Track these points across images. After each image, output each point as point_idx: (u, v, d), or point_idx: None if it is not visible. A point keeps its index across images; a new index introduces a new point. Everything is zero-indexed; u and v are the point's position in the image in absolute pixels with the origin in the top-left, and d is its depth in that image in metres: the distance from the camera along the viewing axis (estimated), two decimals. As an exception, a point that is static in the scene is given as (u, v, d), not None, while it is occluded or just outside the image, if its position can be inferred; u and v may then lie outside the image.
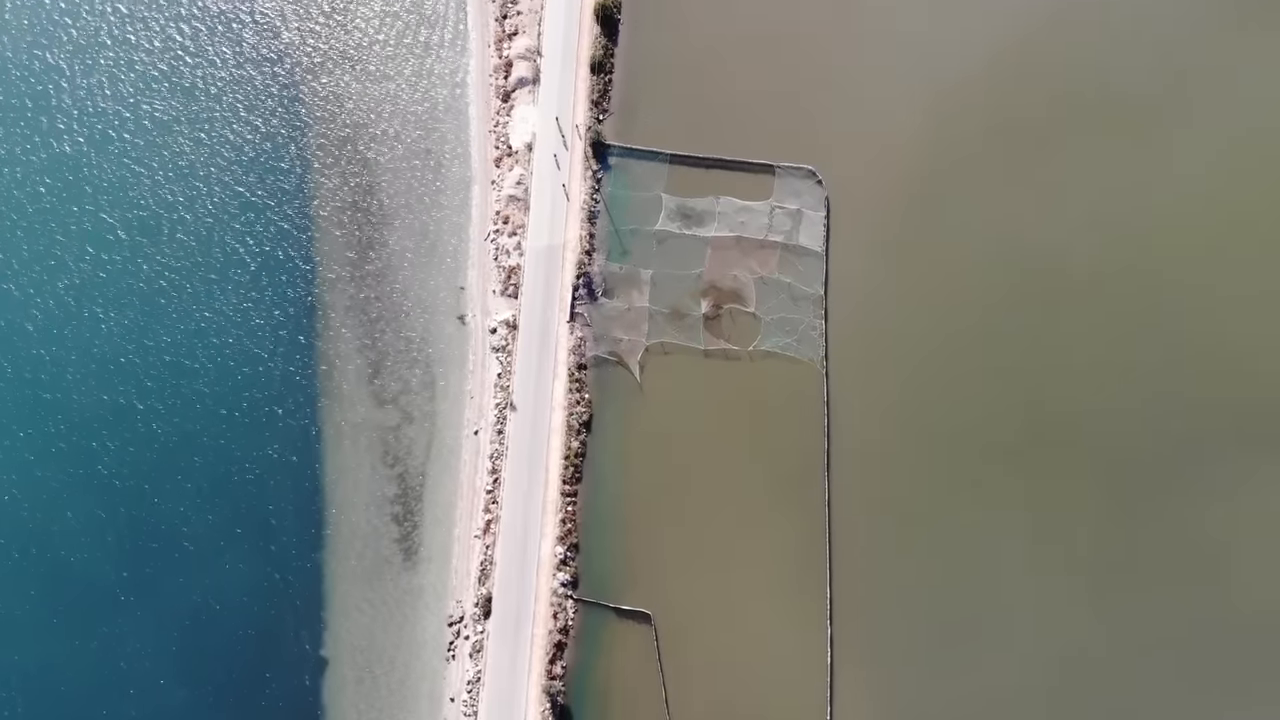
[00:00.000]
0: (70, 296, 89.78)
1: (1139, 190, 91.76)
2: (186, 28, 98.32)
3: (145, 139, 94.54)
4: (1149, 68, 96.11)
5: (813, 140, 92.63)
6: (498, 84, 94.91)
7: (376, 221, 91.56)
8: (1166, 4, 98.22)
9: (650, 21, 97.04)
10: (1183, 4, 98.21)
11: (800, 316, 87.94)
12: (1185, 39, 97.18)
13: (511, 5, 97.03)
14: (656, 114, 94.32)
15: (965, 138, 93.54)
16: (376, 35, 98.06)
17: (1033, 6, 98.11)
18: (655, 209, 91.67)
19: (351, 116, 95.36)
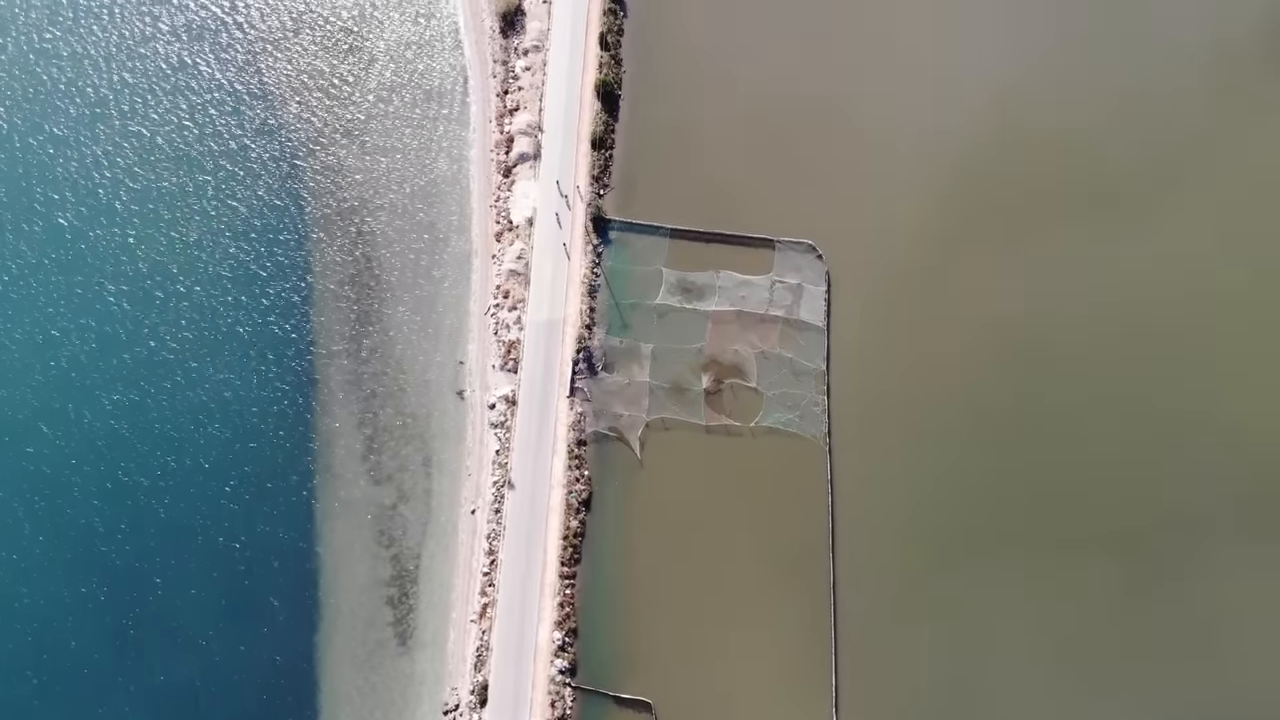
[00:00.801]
0: (68, 369, 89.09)
1: (1136, 268, 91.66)
2: (188, 99, 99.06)
3: (146, 210, 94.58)
4: (1146, 148, 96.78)
5: (813, 215, 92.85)
6: (499, 159, 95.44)
7: (376, 295, 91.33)
8: (1163, 86, 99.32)
9: (651, 97, 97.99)
10: (1178, 86, 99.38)
11: (802, 392, 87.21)
12: (1180, 120, 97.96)
13: (513, 81, 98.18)
14: (657, 189, 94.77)
15: (964, 213, 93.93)
16: (378, 109, 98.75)
17: (1030, 87, 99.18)
18: (656, 283, 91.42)
19: (352, 190, 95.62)
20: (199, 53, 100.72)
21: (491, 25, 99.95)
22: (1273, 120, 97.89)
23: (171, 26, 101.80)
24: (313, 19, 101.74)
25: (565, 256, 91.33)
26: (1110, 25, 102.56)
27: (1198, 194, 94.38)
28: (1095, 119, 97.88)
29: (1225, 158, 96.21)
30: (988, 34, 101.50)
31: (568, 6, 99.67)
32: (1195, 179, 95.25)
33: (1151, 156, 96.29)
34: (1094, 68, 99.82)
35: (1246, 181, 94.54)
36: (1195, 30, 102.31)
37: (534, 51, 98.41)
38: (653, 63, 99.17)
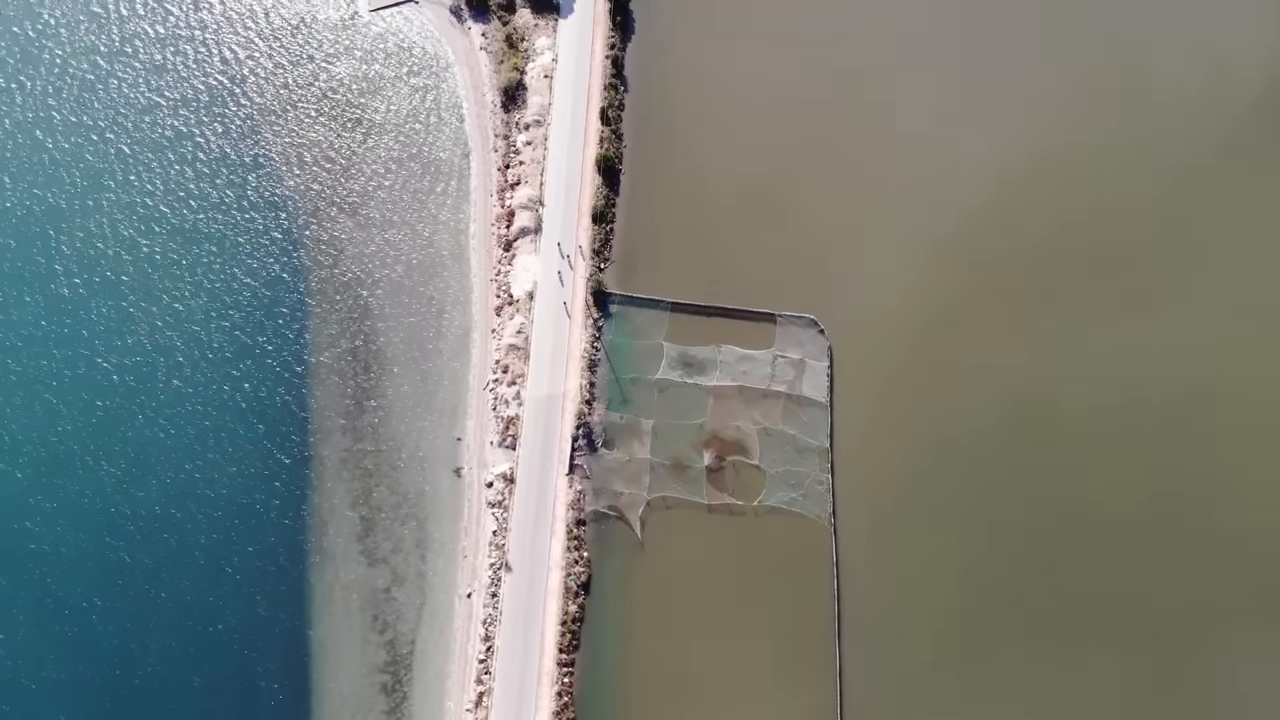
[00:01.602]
0: (63, 443, 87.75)
1: (1135, 345, 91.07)
2: (189, 170, 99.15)
3: (145, 283, 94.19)
4: (1149, 222, 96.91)
5: (814, 289, 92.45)
6: (500, 233, 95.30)
7: (374, 370, 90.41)
8: (1166, 156, 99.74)
9: (652, 172, 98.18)
10: (1181, 155, 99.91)
11: (806, 470, 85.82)
12: (1185, 191, 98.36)
13: (514, 155, 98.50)
14: (658, 262, 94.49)
15: (966, 288, 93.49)
16: (379, 182, 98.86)
17: (1030, 163, 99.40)
18: (656, 357, 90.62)
19: (353, 263, 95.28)
20: (200, 124, 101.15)
21: (493, 100, 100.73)
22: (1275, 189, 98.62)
23: (173, 97, 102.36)
24: (314, 91, 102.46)
25: (566, 329, 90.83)
26: (1111, 96, 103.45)
27: (1202, 270, 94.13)
28: (1098, 192, 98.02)
29: (1230, 232, 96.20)
30: (989, 108, 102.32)
31: (569, 82, 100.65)
32: (1200, 254, 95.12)
33: (1155, 230, 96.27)
34: (1097, 141, 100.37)
35: (1252, 258, 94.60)
36: (1197, 93, 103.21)
37: (535, 126, 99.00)
38: (654, 137, 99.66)
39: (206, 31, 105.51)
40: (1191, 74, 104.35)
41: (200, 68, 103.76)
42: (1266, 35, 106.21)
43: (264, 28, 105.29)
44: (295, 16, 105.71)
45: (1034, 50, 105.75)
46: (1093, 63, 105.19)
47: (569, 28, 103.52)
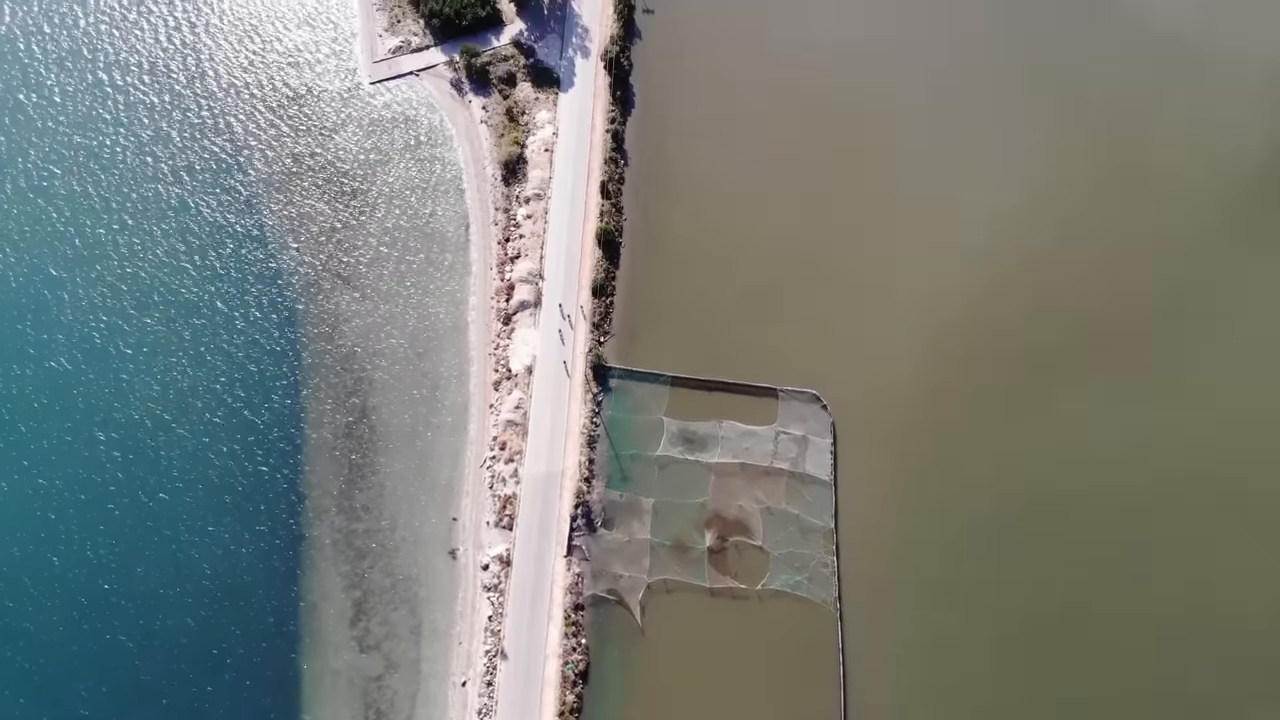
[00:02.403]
0: (54, 521, 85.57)
1: (1137, 423, 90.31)
2: (188, 241, 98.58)
3: (141, 355, 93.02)
4: (1150, 304, 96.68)
5: (816, 364, 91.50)
6: (499, 306, 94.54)
7: (370, 447, 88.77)
8: (1167, 241, 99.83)
9: (652, 246, 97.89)
10: (1183, 239, 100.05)
11: (810, 552, 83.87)
12: (1178, 281, 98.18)
13: (514, 228, 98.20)
14: (658, 336, 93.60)
15: (968, 365, 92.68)
16: (378, 254, 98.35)
17: (1029, 243, 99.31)
18: (657, 433, 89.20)
19: (350, 336, 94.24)
20: (201, 194, 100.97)
21: (494, 173, 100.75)
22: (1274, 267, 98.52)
23: (175, 167, 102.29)
24: (315, 162, 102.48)
25: (565, 404, 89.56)
26: (1109, 176, 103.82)
27: (1203, 351, 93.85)
28: (1099, 275, 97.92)
29: (1229, 312, 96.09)
30: (988, 188, 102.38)
31: (569, 155, 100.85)
32: (1200, 335, 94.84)
33: (1155, 310, 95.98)
34: (1096, 222, 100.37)
35: (1252, 339, 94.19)
36: (1196, 174, 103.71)
37: (536, 199, 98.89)
38: (654, 211, 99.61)
39: (209, 101, 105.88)
40: (1190, 155, 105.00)
41: (202, 138, 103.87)
42: (1264, 115, 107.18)
43: (266, 98, 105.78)
44: (297, 87, 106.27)
45: (1033, 133, 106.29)
46: (1091, 144, 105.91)
47: (569, 101, 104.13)
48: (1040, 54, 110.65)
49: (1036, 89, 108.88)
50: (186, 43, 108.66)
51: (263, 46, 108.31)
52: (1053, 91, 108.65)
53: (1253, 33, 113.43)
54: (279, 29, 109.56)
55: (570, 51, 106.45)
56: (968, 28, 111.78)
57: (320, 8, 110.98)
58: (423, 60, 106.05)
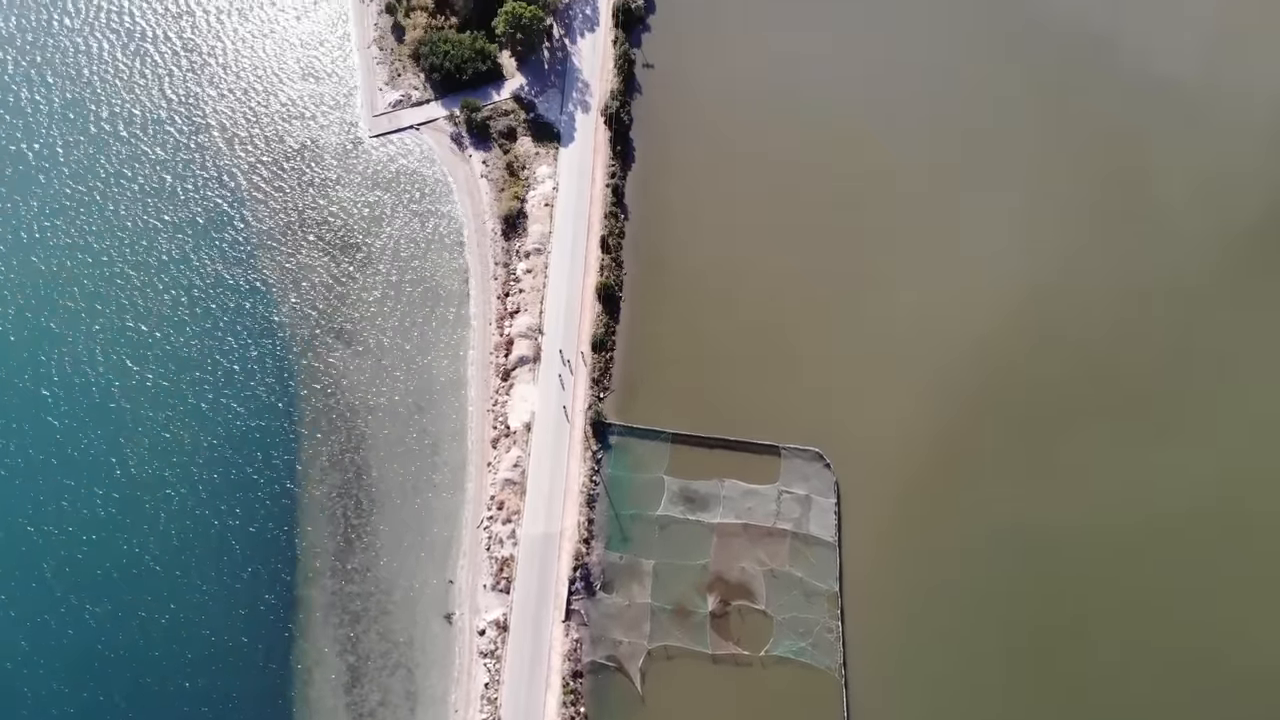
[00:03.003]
0: (49, 579, 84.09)
1: (1141, 477, 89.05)
2: (186, 295, 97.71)
3: (137, 411, 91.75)
4: (1158, 354, 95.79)
5: (818, 421, 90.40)
6: (498, 362, 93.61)
7: (365, 507, 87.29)
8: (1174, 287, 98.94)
9: (652, 300, 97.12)
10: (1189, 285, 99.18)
11: (814, 616, 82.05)
12: (1194, 322, 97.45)
13: (514, 283, 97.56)
14: (658, 392, 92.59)
15: (971, 420, 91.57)
16: (377, 309, 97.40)
17: (1033, 293, 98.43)
18: (658, 492, 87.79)
19: (348, 391, 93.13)
20: (198, 247, 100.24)
21: (493, 227, 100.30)
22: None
23: (172, 221, 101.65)
24: (314, 215, 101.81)
25: (564, 462, 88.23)
26: (1113, 224, 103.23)
27: (1211, 403, 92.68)
28: (1107, 320, 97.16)
29: (1239, 360, 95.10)
30: (992, 236, 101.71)
31: (570, 209, 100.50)
32: (1205, 383, 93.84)
33: (1159, 360, 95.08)
34: (1100, 270, 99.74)
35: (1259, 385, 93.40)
36: (1199, 221, 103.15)
37: (536, 254, 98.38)
38: (654, 265, 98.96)
39: (207, 154, 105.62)
40: (1195, 197, 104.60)
41: (203, 190, 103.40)
42: (1268, 161, 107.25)
43: (267, 151, 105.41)
44: (298, 141, 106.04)
45: (1034, 174, 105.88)
46: (1095, 185, 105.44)
47: (570, 156, 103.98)
48: (1042, 93, 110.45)
49: (1038, 129, 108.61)
50: (188, 94, 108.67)
51: (264, 99, 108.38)
52: (1054, 132, 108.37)
53: (1258, 72, 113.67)
54: (280, 81, 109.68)
55: (571, 106, 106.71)
56: (969, 71, 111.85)
57: (321, 61, 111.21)
58: (423, 114, 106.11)
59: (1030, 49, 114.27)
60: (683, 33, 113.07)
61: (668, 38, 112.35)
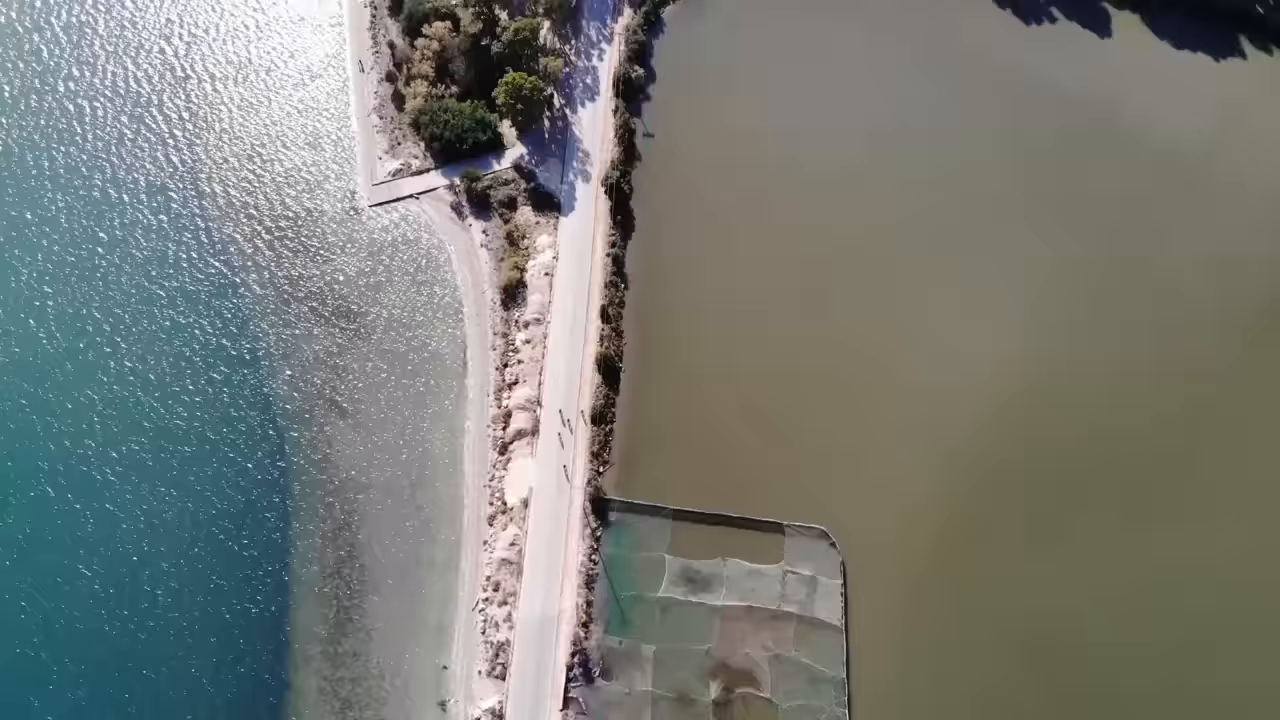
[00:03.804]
0: (38, 659, 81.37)
1: (1162, 566, 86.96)
2: (183, 365, 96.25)
3: (129, 485, 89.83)
4: (1167, 433, 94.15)
5: (823, 497, 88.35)
6: (495, 435, 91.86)
7: (359, 587, 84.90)
8: (1173, 378, 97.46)
9: (653, 372, 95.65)
10: (1198, 363, 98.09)
11: (822, 704, 79.09)
12: (1190, 412, 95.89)
13: (513, 354, 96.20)
14: (659, 466, 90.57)
15: (977, 494, 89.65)
16: (373, 380, 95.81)
17: (1034, 364, 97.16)
18: (659, 571, 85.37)
19: (342, 466, 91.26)
20: (196, 316, 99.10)
21: (493, 297, 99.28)
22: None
23: (171, 288, 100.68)
24: (312, 285, 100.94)
25: (562, 541, 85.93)
26: (1121, 303, 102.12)
27: (1217, 487, 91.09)
28: (1110, 401, 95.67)
29: (1246, 442, 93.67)
30: (989, 314, 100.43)
31: (570, 279, 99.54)
32: (1216, 469, 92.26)
33: (1167, 442, 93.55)
34: (1108, 350, 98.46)
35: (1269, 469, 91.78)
36: (1207, 304, 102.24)
37: (535, 324, 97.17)
38: (655, 336, 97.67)
39: (208, 221, 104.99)
40: (1201, 285, 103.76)
41: (200, 258, 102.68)
42: (1269, 241, 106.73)
43: (265, 220, 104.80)
44: (297, 209, 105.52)
45: (1034, 257, 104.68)
46: (1094, 268, 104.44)
47: (570, 225, 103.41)
48: (1041, 177, 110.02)
49: (1037, 213, 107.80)
50: (188, 161, 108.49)
51: (264, 166, 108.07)
52: (1054, 214, 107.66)
53: (1258, 157, 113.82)
54: (279, 149, 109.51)
55: (571, 175, 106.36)
56: (968, 142, 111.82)
57: (321, 129, 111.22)
58: (423, 183, 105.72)
59: (1030, 122, 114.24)
60: (683, 102, 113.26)
61: (668, 107, 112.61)
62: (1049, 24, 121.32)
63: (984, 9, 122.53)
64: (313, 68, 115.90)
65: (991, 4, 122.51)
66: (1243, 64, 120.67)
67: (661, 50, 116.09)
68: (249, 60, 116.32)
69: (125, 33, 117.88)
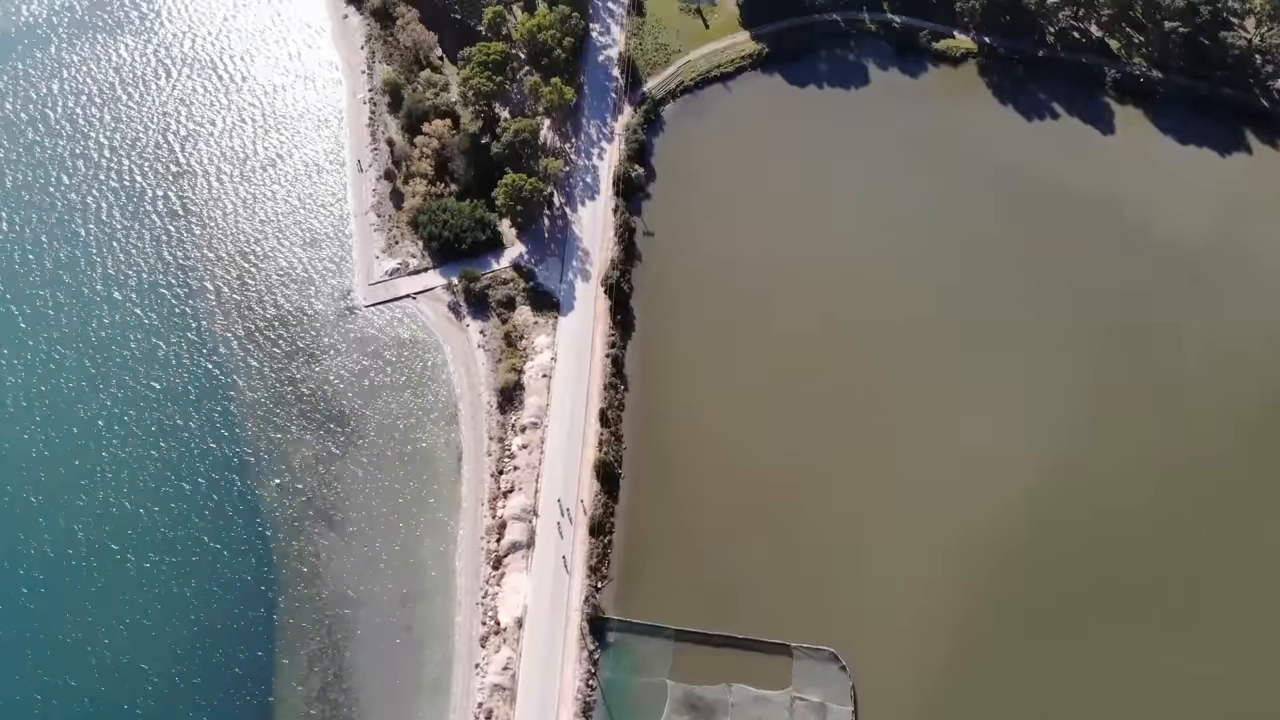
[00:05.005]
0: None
1: (1165, 681, 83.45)
2: (171, 471, 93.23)
3: (113, 594, 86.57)
4: (1177, 545, 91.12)
5: (831, 617, 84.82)
6: (489, 547, 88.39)
7: (345, 713, 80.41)
8: (1184, 488, 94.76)
9: (653, 479, 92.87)
10: (1198, 489, 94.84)
11: (832, 845, 75.05)
12: (1202, 524, 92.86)
13: (509, 460, 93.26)
14: (660, 581, 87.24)
15: (987, 617, 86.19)
16: (364, 488, 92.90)
17: (1042, 472, 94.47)
18: (660, 699, 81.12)
19: (331, 579, 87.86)
20: (188, 418, 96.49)
21: (489, 400, 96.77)
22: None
23: (161, 389, 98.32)
24: (305, 388, 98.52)
25: (558, 664, 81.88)
26: (1129, 408, 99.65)
27: (1232, 597, 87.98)
28: (1118, 506, 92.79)
29: (1259, 541, 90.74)
30: (998, 417, 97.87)
31: (568, 381, 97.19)
32: (1229, 579, 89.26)
33: (1184, 555, 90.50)
34: (1117, 457, 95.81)
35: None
36: (1217, 407, 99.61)
37: (532, 428, 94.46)
38: (656, 440, 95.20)
39: (200, 319, 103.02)
40: (1203, 376, 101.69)
41: (191, 358, 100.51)
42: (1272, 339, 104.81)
43: (259, 318, 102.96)
44: (292, 308, 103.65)
45: (1037, 358, 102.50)
46: (1097, 368, 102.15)
47: (569, 325, 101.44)
48: (1042, 274, 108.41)
49: (1039, 310, 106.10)
50: (184, 258, 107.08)
51: (259, 264, 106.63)
52: (1055, 311, 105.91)
53: (1263, 252, 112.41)
54: (276, 246, 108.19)
55: (570, 274, 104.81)
56: (971, 240, 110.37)
57: (318, 226, 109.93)
58: (420, 283, 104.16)
59: (1032, 219, 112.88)
60: (683, 200, 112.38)
61: (668, 205, 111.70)
62: (1050, 120, 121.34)
63: (984, 105, 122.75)
64: (311, 163, 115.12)
65: (993, 100, 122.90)
66: (1247, 158, 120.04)
67: (661, 148, 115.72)
68: (247, 155, 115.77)
69: (124, 125, 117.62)
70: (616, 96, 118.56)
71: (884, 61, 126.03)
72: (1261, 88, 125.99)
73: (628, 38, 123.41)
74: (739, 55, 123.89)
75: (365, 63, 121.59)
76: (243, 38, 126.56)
